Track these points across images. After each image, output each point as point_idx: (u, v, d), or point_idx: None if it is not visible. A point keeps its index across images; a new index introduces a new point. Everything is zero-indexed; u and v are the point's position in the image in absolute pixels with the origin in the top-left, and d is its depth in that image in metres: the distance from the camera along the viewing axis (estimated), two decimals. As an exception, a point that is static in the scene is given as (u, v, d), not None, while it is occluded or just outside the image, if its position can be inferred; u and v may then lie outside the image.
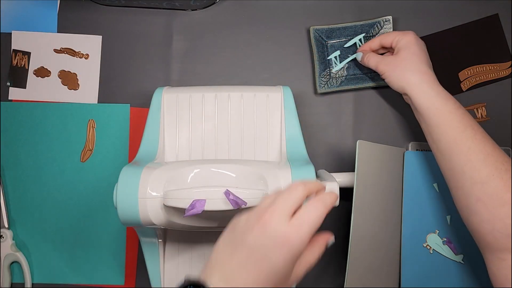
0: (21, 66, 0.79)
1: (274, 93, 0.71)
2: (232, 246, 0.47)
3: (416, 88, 0.66)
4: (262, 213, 0.46)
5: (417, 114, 0.67)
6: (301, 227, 0.45)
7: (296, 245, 0.45)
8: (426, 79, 0.66)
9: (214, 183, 0.59)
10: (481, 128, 0.63)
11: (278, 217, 0.45)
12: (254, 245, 0.45)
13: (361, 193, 0.65)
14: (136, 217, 0.59)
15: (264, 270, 0.45)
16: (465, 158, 0.60)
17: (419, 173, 0.72)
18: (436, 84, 0.66)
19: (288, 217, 0.46)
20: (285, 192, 0.48)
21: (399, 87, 0.68)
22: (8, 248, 0.76)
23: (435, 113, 0.64)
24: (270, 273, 0.45)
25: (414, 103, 0.66)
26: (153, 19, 0.79)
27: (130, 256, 0.77)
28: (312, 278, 0.77)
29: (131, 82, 0.79)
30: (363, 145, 0.65)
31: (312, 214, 0.46)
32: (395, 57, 0.69)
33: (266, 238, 0.45)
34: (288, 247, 0.45)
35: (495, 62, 0.78)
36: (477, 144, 0.61)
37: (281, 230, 0.45)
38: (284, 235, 0.45)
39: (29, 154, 0.78)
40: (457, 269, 0.72)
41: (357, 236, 0.65)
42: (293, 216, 0.46)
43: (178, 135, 0.70)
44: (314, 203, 0.47)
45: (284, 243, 0.45)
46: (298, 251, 0.46)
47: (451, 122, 0.62)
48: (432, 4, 0.79)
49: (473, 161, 0.60)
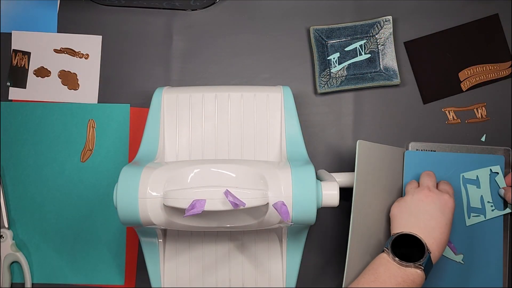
0: (21, 66, 0.79)
1: (274, 93, 0.71)
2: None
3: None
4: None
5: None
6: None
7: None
8: None
9: (214, 183, 0.59)
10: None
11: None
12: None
13: (361, 193, 0.65)
14: (136, 217, 0.59)
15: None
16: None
17: (419, 173, 0.72)
18: None
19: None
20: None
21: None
22: (8, 248, 0.76)
23: None
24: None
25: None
26: (153, 19, 0.79)
27: (130, 256, 0.77)
28: (312, 278, 0.77)
29: (131, 82, 0.79)
30: (363, 145, 0.65)
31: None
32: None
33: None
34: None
35: (495, 62, 0.78)
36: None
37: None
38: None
39: (29, 154, 0.78)
40: (457, 269, 0.72)
41: (357, 236, 0.65)
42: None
43: (178, 135, 0.70)
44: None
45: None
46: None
47: None
48: (432, 4, 0.79)
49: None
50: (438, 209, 0.63)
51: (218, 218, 0.60)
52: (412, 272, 0.59)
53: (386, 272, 0.59)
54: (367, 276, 0.60)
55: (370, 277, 0.60)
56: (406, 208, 0.65)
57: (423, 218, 0.63)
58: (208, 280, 0.71)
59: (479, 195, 0.72)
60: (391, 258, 0.60)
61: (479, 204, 0.72)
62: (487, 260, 0.72)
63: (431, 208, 0.63)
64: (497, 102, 0.78)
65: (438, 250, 0.62)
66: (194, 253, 0.71)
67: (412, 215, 0.64)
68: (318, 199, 0.60)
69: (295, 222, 0.60)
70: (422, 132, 0.77)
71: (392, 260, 0.60)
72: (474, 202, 0.72)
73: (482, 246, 0.72)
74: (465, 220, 0.72)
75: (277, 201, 0.58)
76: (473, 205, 0.72)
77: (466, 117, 0.78)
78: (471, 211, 0.72)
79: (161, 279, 0.70)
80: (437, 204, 0.64)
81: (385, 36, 0.77)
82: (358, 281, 0.60)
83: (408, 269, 0.59)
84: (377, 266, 0.60)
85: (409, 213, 0.64)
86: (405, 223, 0.64)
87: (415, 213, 0.64)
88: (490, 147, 0.75)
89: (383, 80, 0.77)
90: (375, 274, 0.60)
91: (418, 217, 0.63)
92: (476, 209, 0.72)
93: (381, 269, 0.60)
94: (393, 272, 0.59)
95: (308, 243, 0.74)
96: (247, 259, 0.71)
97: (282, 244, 0.70)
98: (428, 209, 0.63)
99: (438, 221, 0.63)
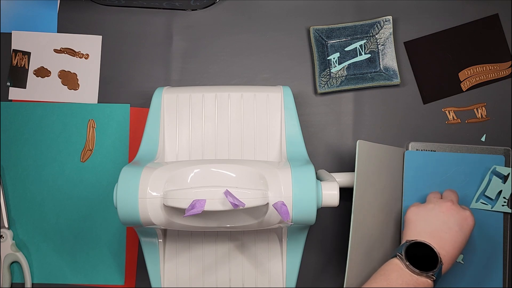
0: (21, 66, 0.79)
1: (274, 93, 0.71)
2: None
3: None
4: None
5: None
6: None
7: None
8: None
9: (214, 183, 0.59)
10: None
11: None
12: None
13: (361, 193, 0.65)
14: (136, 217, 0.59)
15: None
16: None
17: (419, 173, 0.72)
18: None
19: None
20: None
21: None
22: (8, 248, 0.76)
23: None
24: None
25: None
26: (153, 19, 0.79)
27: (130, 256, 0.77)
28: (312, 278, 0.77)
29: (131, 82, 0.79)
30: (363, 145, 0.65)
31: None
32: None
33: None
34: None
35: (495, 62, 0.78)
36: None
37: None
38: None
39: (29, 154, 0.78)
40: (457, 269, 0.72)
41: (357, 236, 0.65)
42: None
43: (178, 135, 0.70)
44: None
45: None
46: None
47: None
48: (432, 4, 0.79)
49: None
50: (457, 223, 0.63)
51: (218, 218, 0.59)
52: (423, 281, 0.59)
53: (398, 278, 0.59)
54: (379, 281, 0.59)
55: (382, 282, 0.59)
56: (424, 215, 0.64)
57: (440, 229, 0.62)
58: (208, 280, 0.71)
59: (500, 188, 0.72)
60: (404, 264, 0.59)
61: (494, 195, 0.72)
62: (487, 260, 0.72)
63: (450, 221, 0.63)
64: (497, 102, 0.78)
65: (448, 263, 0.61)
66: (194, 253, 0.71)
67: (429, 224, 0.63)
68: (318, 199, 0.60)
69: (295, 222, 0.60)
70: (422, 132, 0.77)
71: (405, 267, 0.59)
72: (490, 192, 0.72)
73: (482, 246, 0.72)
74: (472, 201, 0.72)
75: (277, 201, 0.58)
76: (487, 194, 0.72)
77: (466, 117, 0.78)
78: (481, 198, 0.72)
79: (161, 279, 0.70)
80: (457, 218, 0.63)
81: (385, 36, 0.77)
82: (369, 284, 0.60)
83: (420, 277, 0.59)
84: (390, 272, 0.60)
85: (426, 221, 0.63)
86: (420, 230, 0.63)
87: (433, 222, 0.63)
88: (490, 147, 0.75)
89: (383, 80, 0.77)
90: (387, 279, 0.59)
91: (435, 227, 0.62)
92: (488, 199, 0.72)
93: (394, 275, 0.59)
94: (406, 279, 0.59)
95: (308, 243, 0.74)
96: (247, 259, 0.71)
97: (282, 244, 0.70)
98: (447, 221, 0.63)
99: (454, 235, 0.62)
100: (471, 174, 0.73)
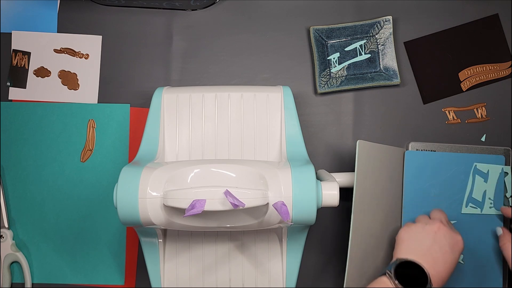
0: (21, 66, 0.79)
1: (274, 93, 0.71)
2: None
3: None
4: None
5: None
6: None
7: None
8: None
9: (214, 183, 0.59)
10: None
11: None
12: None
13: (361, 193, 0.65)
14: (136, 217, 0.59)
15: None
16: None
17: (419, 173, 0.72)
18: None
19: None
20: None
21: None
22: (8, 248, 0.76)
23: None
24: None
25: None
26: (153, 19, 0.79)
27: (130, 256, 0.77)
28: (312, 278, 0.77)
29: (131, 82, 0.79)
30: (363, 145, 0.65)
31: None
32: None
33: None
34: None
35: (495, 62, 0.78)
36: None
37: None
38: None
39: (29, 154, 0.78)
40: (457, 269, 0.72)
41: (357, 236, 0.65)
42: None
43: (178, 135, 0.70)
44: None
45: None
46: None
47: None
48: (432, 4, 0.79)
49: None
50: (448, 244, 0.62)
51: (218, 218, 0.60)
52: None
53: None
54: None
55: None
56: (416, 234, 0.64)
57: (431, 249, 0.62)
58: (208, 280, 0.71)
59: (484, 189, 0.72)
60: (392, 283, 0.59)
61: (480, 197, 0.72)
62: (487, 260, 0.72)
63: (441, 241, 0.62)
64: (497, 102, 0.78)
65: (438, 283, 0.60)
66: (194, 253, 0.71)
67: (420, 243, 0.63)
68: (318, 199, 0.60)
69: (295, 222, 0.60)
70: (422, 132, 0.77)
71: (393, 285, 0.59)
72: (476, 194, 0.72)
73: (482, 246, 0.72)
74: (462, 207, 0.72)
75: (277, 201, 0.58)
76: (474, 196, 0.72)
77: (466, 117, 0.78)
78: (470, 201, 0.72)
79: (161, 279, 0.70)
80: (448, 240, 0.63)
81: (385, 36, 0.77)
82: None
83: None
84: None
85: (417, 240, 0.63)
86: (411, 250, 0.62)
87: (424, 241, 0.63)
88: (490, 147, 0.75)
89: (383, 80, 0.77)
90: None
91: (426, 246, 0.62)
92: (476, 201, 0.72)
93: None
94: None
95: (308, 243, 0.74)
96: (247, 259, 0.71)
97: (282, 244, 0.70)
98: (438, 241, 0.62)
99: (446, 256, 0.62)
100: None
